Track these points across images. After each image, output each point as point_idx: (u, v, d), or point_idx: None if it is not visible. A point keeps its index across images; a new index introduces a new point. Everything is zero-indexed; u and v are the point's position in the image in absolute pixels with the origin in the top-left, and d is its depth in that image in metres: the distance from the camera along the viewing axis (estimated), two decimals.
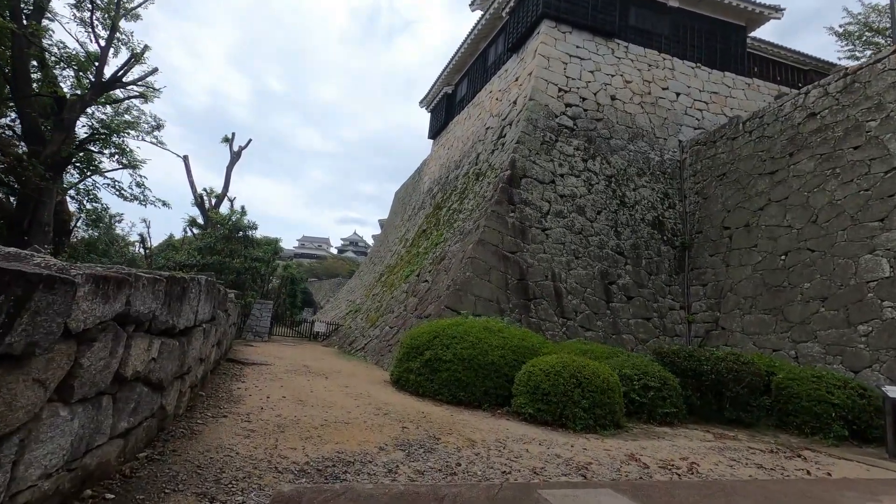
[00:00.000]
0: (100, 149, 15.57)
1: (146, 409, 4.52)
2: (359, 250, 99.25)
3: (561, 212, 16.45)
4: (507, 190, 16.06)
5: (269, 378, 9.38)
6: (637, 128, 19.23)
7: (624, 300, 15.62)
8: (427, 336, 9.78)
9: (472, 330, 9.57)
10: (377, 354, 15.71)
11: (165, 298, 4.38)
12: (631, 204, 17.73)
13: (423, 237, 23.07)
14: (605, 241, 16.56)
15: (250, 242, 21.51)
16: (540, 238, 15.67)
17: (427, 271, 18.08)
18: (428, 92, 31.14)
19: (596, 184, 17.55)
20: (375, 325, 19.16)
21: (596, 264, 15.94)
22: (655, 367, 9.20)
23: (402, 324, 16.01)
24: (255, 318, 20.17)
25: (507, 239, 15.12)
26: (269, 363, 11.49)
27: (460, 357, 8.99)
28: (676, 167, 19.23)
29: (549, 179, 16.87)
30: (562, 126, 18.04)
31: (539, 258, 15.26)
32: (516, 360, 9.03)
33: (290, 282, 45.51)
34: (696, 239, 17.36)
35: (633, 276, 16.23)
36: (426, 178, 30.73)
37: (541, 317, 14.18)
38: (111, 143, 15.29)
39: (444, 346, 9.34)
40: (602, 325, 14.78)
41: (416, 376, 9.46)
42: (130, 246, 29.04)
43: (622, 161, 18.39)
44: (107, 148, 15.46)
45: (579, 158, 17.76)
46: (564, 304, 14.70)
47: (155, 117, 20.47)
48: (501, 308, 13.90)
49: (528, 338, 9.74)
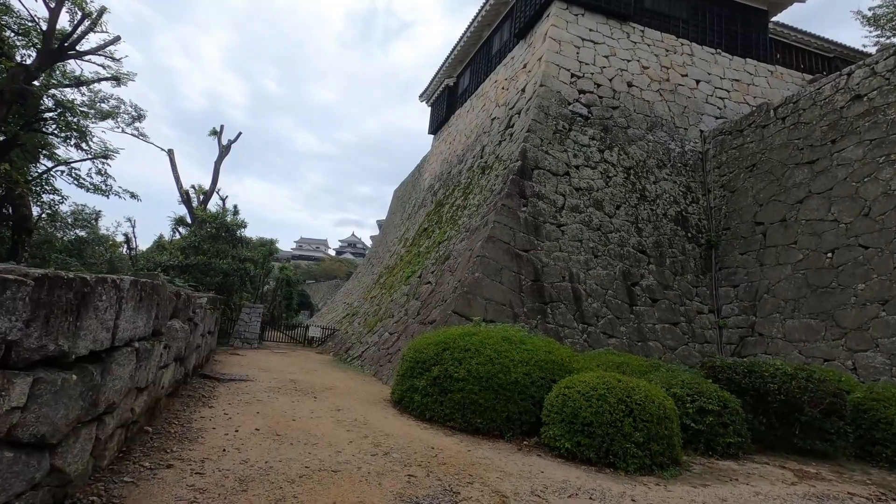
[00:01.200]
0: (57, 131, 13.69)
1: (18, 483, 2.88)
2: (357, 252, 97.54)
3: (577, 206, 14.83)
4: (518, 182, 14.44)
5: (245, 401, 7.70)
6: (656, 116, 17.64)
7: (648, 303, 13.99)
8: (434, 348, 8.12)
9: (489, 341, 7.92)
10: (375, 364, 14.04)
11: (37, 312, 2.73)
12: (652, 198, 16.12)
13: (425, 236, 21.43)
14: (625, 238, 14.94)
15: (239, 242, 19.82)
16: (555, 235, 14.05)
17: (430, 272, 16.43)
18: (428, 85, 29.53)
19: (614, 176, 15.94)
20: (373, 331, 17.49)
21: (617, 263, 14.32)
22: (709, 386, 7.56)
23: (403, 330, 14.36)
24: (244, 324, 18.47)
25: (519, 235, 13.49)
26: (249, 378, 9.81)
27: (476, 375, 7.34)
28: (698, 159, 17.64)
29: (563, 171, 15.25)
30: (575, 114, 16.44)
31: (555, 257, 13.62)
32: (544, 379, 7.38)
33: (286, 284, 43.78)
34: (723, 236, 15.75)
35: (657, 277, 14.61)
36: (427, 175, 29.09)
37: (559, 322, 12.54)
38: (69, 126, 13.30)
39: (456, 360, 7.68)
40: (626, 332, 13.14)
41: (421, 397, 7.80)
42: (117, 247, 27.33)
43: (641, 152, 16.79)
44: (65, 131, 13.60)
45: (595, 149, 16.15)
46: (584, 308, 13.06)
47: (135, 107, 18.81)
48: (515, 313, 12.26)
49: (556, 350, 8.08)
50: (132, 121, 18.93)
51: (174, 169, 21.08)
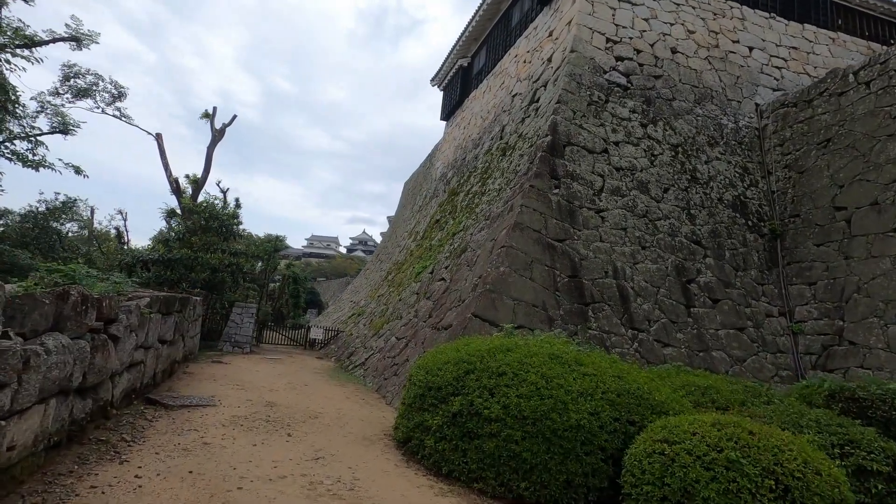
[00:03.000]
0: None
1: None
2: (368, 249, 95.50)
3: (618, 188, 12.28)
4: (548, 160, 11.93)
5: (184, 446, 5.31)
6: (705, 87, 14.99)
7: (708, 304, 11.40)
8: (454, 370, 5.67)
9: (532, 361, 5.45)
10: (379, 376, 11.66)
11: None
12: (704, 180, 13.50)
13: (437, 228, 19.00)
14: (676, 226, 12.36)
15: (231, 235, 17.54)
16: (594, 222, 11.52)
17: (443, 267, 14.00)
18: (440, 67, 27.04)
19: (660, 154, 13.34)
20: (379, 335, 15.12)
21: (668, 256, 11.75)
22: (861, 431, 5.02)
23: (413, 335, 11.95)
24: (235, 325, 16.18)
25: (551, 223, 11.00)
26: (212, 402, 7.43)
27: (517, 413, 4.88)
28: (755, 136, 14.96)
29: (600, 148, 12.70)
30: (612, 83, 13.86)
31: (595, 248, 11.11)
32: (618, 421, 4.89)
33: (293, 281, 41.68)
34: (790, 224, 13.08)
35: (716, 273, 12.00)
36: (439, 164, 26.64)
37: (603, 328, 10.03)
38: None
39: (486, 390, 5.23)
40: (684, 339, 10.58)
41: (436, 441, 5.36)
42: (109, 241, 25.32)
43: (689, 127, 14.16)
44: None
45: (637, 123, 13.57)
46: (633, 311, 10.52)
47: (115, 83, 16.58)
48: (550, 316, 9.77)
49: (628, 374, 5.56)
50: (112, 100, 16.74)
51: (163, 155, 18.87)
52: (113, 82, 16.36)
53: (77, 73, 15.53)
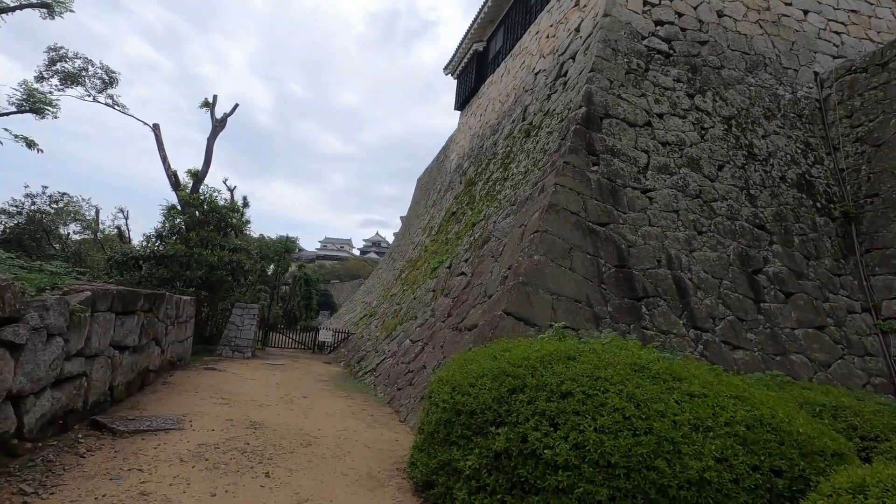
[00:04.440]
0: None
1: None
2: (381, 251, 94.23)
3: (666, 166, 10.45)
4: (584, 134, 10.15)
5: (108, 500, 3.66)
6: (756, 54, 13.08)
7: (780, 299, 9.49)
8: (493, 385, 3.94)
9: (608, 373, 3.69)
10: (391, 385, 9.97)
11: None
12: (763, 157, 11.59)
13: (454, 220, 17.31)
14: (735, 208, 10.48)
15: (232, 229, 16.02)
16: (640, 203, 9.71)
17: (463, 260, 12.29)
18: (453, 55, 25.37)
19: (710, 127, 11.47)
20: (392, 337, 13.45)
21: (729, 243, 9.88)
22: None
23: (429, 337, 10.25)
24: (234, 328, 14.62)
25: (591, 204, 9.22)
26: (177, 426, 5.79)
27: (599, 457, 3.13)
28: (815, 108, 12.99)
29: (642, 121, 10.88)
30: (652, 50, 12.03)
31: (644, 233, 9.29)
32: (758, 470, 3.12)
33: (304, 282, 40.34)
34: (867, 205, 11.11)
35: (785, 262, 10.09)
36: (453, 155, 24.94)
37: (660, 327, 8.20)
38: None
39: (545, 417, 3.48)
40: (756, 340, 8.69)
41: (470, 491, 3.62)
42: (111, 243, 24.08)
43: (742, 98, 12.27)
44: None
45: (682, 93, 11.72)
46: (693, 306, 8.68)
47: (106, 69, 15.18)
48: (596, 313, 7.98)
49: (749, 394, 3.77)
50: (104, 87, 15.37)
51: (160, 147, 17.47)
52: (104, 67, 15.01)
53: (63, 56, 14.16)
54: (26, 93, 12.03)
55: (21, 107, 12.12)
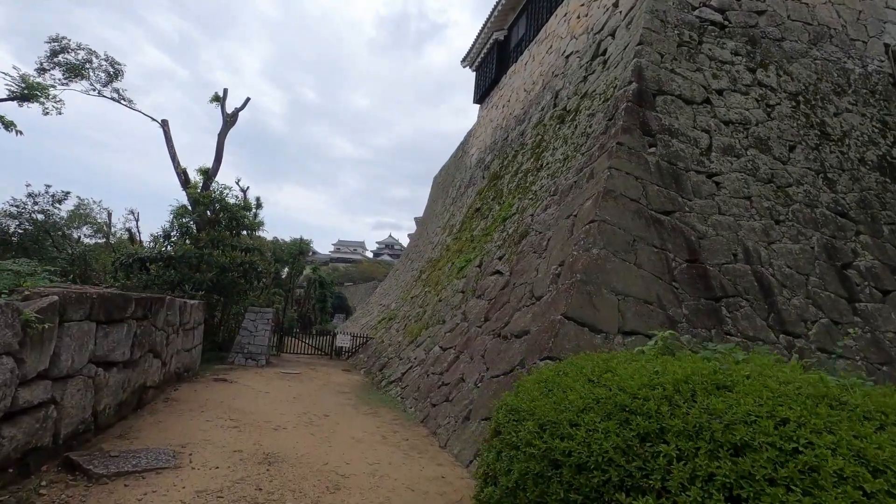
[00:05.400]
0: None
1: None
2: (394, 253, 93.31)
3: (731, 147, 9.10)
4: (637, 112, 8.83)
5: None
6: (820, 25, 11.65)
7: (877, 297, 8.07)
8: (609, 424, 2.67)
9: (790, 411, 2.43)
10: (423, 399, 8.73)
11: None
12: (837, 137, 10.16)
13: (478, 216, 16.07)
14: (813, 194, 9.08)
15: (243, 228, 14.96)
16: (707, 189, 8.37)
17: (496, 257, 11.02)
18: (472, 46, 24.14)
19: (776, 104, 10.08)
20: (417, 343, 12.23)
21: (811, 233, 8.49)
22: None
23: (464, 344, 9.00)
24: (247, 333, 13.52)
25: (651, 190, 7.91)
26: (173, 462, 4.61)
27: None
28: (889, 83, 11.52)
29: (700, 97, 9.54)
30: (705, 21, 10.68)
31: (714, 223, 7.95)
32: None
33: (319, 285, 39.32)
34: None
35: (876, 254, 8.66)
36: (473, 150, 23.69)
37: (745, 332, 6.85)
38: None
39: (715, 486, 2.22)
40: (858, 347, 7.30)
41: None
42: (122, 246, 23.25)
43: (808, 73, 10.86)
44: None
45: (742, 67, 10.34)
46: (780, 307, 7.31)
47: (111, 60, 14.22)
48: (670, 316, 6.66)
49: None
50: (109, 80, 14.43)
51: (169, 144, 16.51)
52: (108, 58, 14.08)
53: (66, 48, 13.22)
54: (19, 78, 11.13)
55: (12, 93, 11.18)
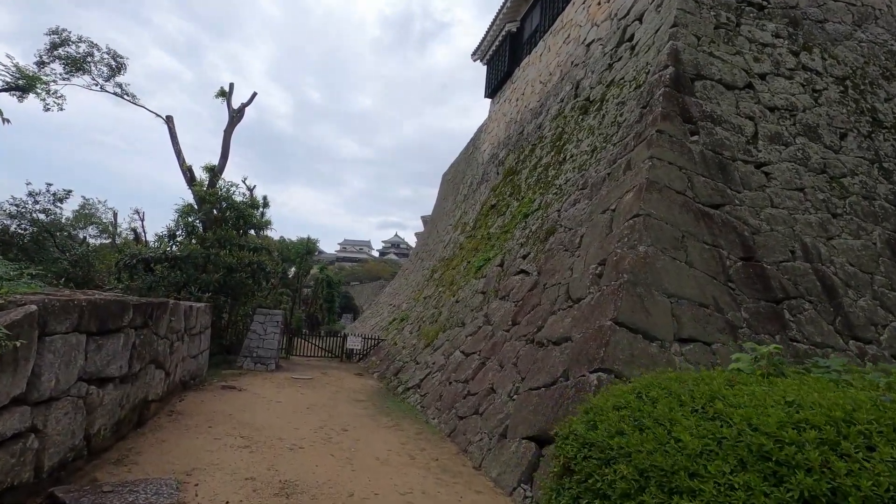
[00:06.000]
0: None
1: None
2: (401, 252, 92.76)
3: (778, 135, 8.35)
4: (676, 98, 8.10)
5: None
6: (864, 5, 10.87)
7: None
8: (749, 478, 2.00)
9: None
10: (447, 409, 8.04)
11: None
12: (890, 124, 9.39)
13: (494, 213, 15.37)
14: (869, 185, 8.33)
15: (251, 227, 14.34)
16: (756, 180, 7.63)
17: (519, 256, 10.32)
18: (483, 39, 23.39)
19: (823, 89, 9.32)
20: (435, 346, 11.55)
21: (871, 227, 7.74)
22: None
23: (491, 350, 8.31)
24: (256, 336, 12.89)
25: (697, 181, 7.18)
26: (180, 495, 3.96)
27: None
28: None
29: (742, 82, 8.79)
30: (742, 2, 9.92)
31: (767, 216, 7.22)
32: None
33: (327, 285, 38.68)
34: None
35: None
36: (485, 146, 22.97)
37: (810, 337, 6.12)
38: None
39: None
40: None
41: None
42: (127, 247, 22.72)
43: (854, 55, 10.08)
44: None
45: (785, 49, 9.58)
46: (847, 310, 6.57)
47: (113, 53, 13.63)
48: (729, 321, 5.94)
49: None
50: (111, 74, 13.85)
51: (174, 140, 15.92)
52: (111, 52, 13.49)
53: (66, 40, 12.63)
54: (14, 68, 10.54)
55: (7, 84, 10.58)
